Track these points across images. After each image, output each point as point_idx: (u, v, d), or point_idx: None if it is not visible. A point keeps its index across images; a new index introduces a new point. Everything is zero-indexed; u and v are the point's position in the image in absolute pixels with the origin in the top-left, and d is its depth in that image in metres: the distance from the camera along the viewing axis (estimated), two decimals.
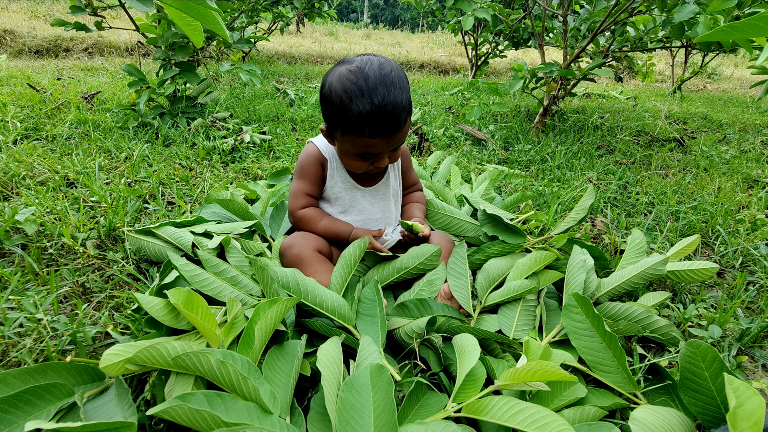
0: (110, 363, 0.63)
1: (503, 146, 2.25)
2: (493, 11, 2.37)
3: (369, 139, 0.91)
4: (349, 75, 0.89)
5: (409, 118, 0.95)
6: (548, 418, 0.60)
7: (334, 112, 0.92)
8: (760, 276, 1.17)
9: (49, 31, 4.67)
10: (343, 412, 0.59)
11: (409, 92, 0.94)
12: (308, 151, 1.06)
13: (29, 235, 1.08)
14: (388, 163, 1.00)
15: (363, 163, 0.98)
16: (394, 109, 0.88)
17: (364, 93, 0.87)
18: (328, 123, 0.98)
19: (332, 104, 0.91)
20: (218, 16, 0.67)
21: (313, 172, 1.05)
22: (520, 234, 1.09)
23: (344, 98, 0.88)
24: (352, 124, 0.89)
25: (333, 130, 0.97)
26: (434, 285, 0.95)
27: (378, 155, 0.97)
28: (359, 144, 0.92)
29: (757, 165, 2.09)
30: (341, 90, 0.89)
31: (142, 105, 2.01)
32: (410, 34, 10.19)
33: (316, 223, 1.04)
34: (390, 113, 0.88)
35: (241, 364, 0.64)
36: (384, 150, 0.95)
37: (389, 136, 0.91)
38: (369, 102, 0.87)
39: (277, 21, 4.34)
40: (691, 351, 0.66)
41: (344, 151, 0.98)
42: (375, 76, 0.88)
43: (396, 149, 0.99)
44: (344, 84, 0.89)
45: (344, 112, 0.89)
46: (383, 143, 0.92)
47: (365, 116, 0.87)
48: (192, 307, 0.70)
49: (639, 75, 4.76)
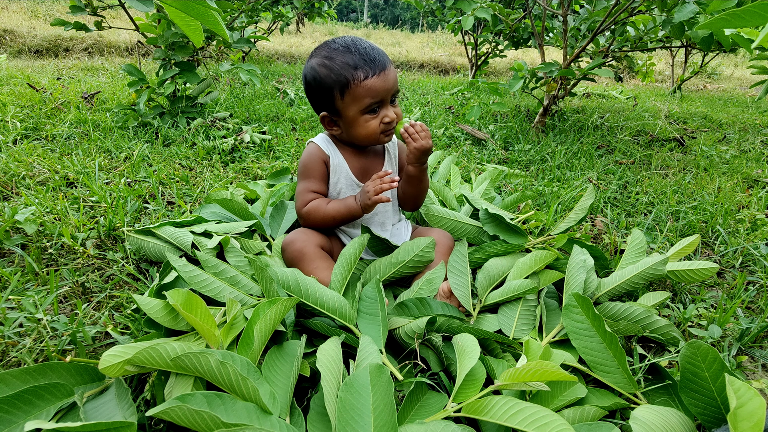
0: (109, 364, 0.63)
1: (503, 146, 2.25)
2: (493, 11, 2.37)
3: (367, 81, 0.93)
4: (321, 51, 0.97)
5: (393, 68, 0.99)
6: (548, 418, 0.60)
7: (324, 83, 0.95)
8: (760, 276, 1.17)
9: (49, 30, 4.67)
10: (343, 413, 0.59)
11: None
12: (310, 151, 1.06)
13: (29, 234, 1.08)
14: (395, 119, 1.00)
15: (373, 121, 0.98)
16: (373, 49, 0.96)
17: (342, 52, 0.94)
18: (323, 102, 1.00)
19: (318, 77, 0.96)
20: (218, 16, 0.67)
21: (317, 170, 1.05)
22: (521, 234, 1.09)
23: (327, 63, 0.94)
24: (345, 77, 0.93)
25: (332, 103, 0.98)
26: (434, 284, 0.95)
27: (381, 104, 0.98)
28: (362, 93, 0.94)
29: (757, 165, 2.09)
30: (321, 60, 0.95)
31: (141, 105, 2.01)
32: (410, 33, 10.19)
33: (324, 208, 1.02)
34: (372, 52, 0.95)
35: (241, 364, 0.64)
36: (386, 94, 0.96)
37: (382, 72, 0.95)
38: (349, 54, 0.93)
39: (277, 21, 4.34)
40: (691, 351, 0.66)
41: (352, 117, 0.98)
42: (345, 40, 0.96)
43: (395, 101, 1.01)
44: (321, 54, 0.96)
45: (334, 72, 0.93)
46: (381, 82, 0.94)
47: (353, 64, 0.93)
48: (191, 308, 0.70)
49: (639, 75, 4.76)
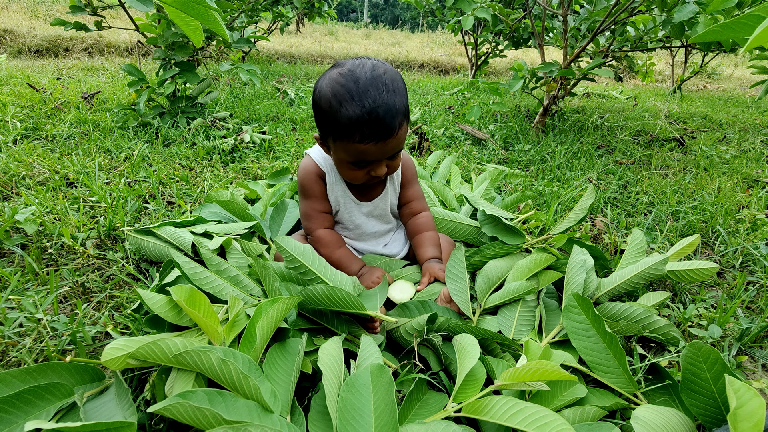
0: (112, 357, 0.63)
1: (503, 146, 2.25)
2: (493, 11, 2.37)
3: (361, 145, 0.85)
4: (339, 78, 0.84)
5: (406, 122, 0.89)
6: (548, 417, 0.60)
7: (324, 118, 0.87)
8: (760, 276, 1.17)
9: (49, 30, 4.67)
10: (344, 412, 0.59)
11: (405, 95, 0.88)
12: (305, 168, 1.01)
13: (29, 234, 1.08)
14: (387, 173, 0.94)
15: (359, 171, 0.92)
16: (386, 112, 0.82)
17: (354, 96, 0.82)
18: (320, 129, 0.93)
19: (322, 110, 0.87)
20: (218, 16, 0.67)
21: (317, 189, 1.01)
22: (519, 234, 1.09)
23: (333, 103, 0.84)
24: (342, 129, 0.84)
25: (325, 136, 0.92)
26: (434, 289, 0.95)
27: (374, 163, 0.91)
28: (352, 151, 0.87)
29: (757, 165, 2.09)
30: (330, 94, 0.84)
31: (141, 105, 2.01)
32: (410, 33, 10.19)
33: (333, 250, 0.99)
34: (382, 117, 0.82)
35: (242, 362, 0.64)
36: (379, 157, 0.89)
37: (382, 141, 0.85)
38: (359, 105, 0.81)
39: (277, 21, 4.34)
40: (692, 352, 0.66)
41: (339, 160, 0.93)
42: (366, 78, 0.83)
43: (394, 157, 0.93)
44: (334, 87, 0.84)
45: (334, 118, 0.84)
46: (377, 149, 0.86)
47: (355, 121, 0.82)
48: (194, 304, 0.70)
49: (639, 75, 4.76)
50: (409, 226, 1.10)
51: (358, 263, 0.99)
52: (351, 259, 1.00)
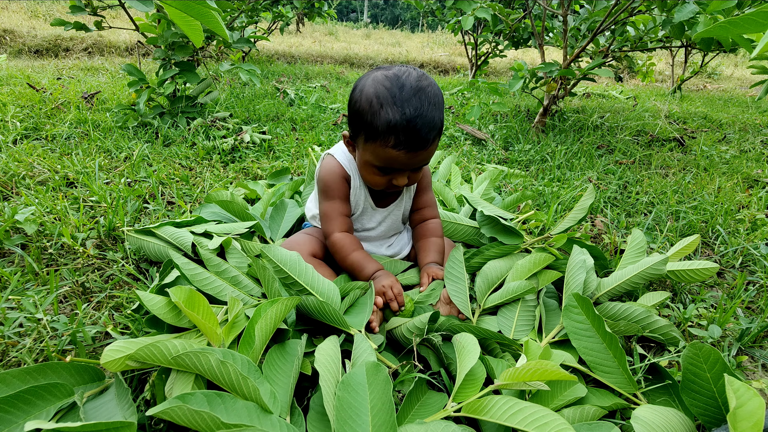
0: (111, 359, 0.63)
1: (503, 146, 2.25)
2: (493, 11, 2.37)
3: (393, 150, 0.84)
4: (385, 81, 0.84)
5: (438, 138, 0.89)
6: (548, 417, 0.60)
7: (361, 116, 0.87)
8: (760, 276, 1.17)
9: (49, 30, 4.67)
10: (341, 411, 0.59)
11: (443, 112, 0.88)
12: (331, 169, 0.99)
13: (29, 234, 1.08)
14: (406, 184, 0.94)
15: (381, 178, 0.92)
16: (424, 124, 0.83)
17: (397, 101, 0.82)
18: (352, 128, 0.92)
19: (361, 108, 0.86)
20: (218, 16, 0.67)
21: (342, 190, 0.99)
22: (517, 235, 1.09)
23: (374, 103, 0.83)
24: (378, 131, 0.84)
25: (356, 135, 0.91)
26: (435, 291, 0.96)
27: (398, 171, 0.91)
28: (381, 155, 0.86)
29: (757, 165, 2.09)
30: (373, 94, 0.84)
31: (141, 105, 2.01)
32: (410, 33, 10.19)
33: (347, 254, 0.98)
34: (419, 127, 0.83)
35: (242, 363, 0.64)
36: (406, 167, 0.89)
37: (414, 152, 0.85)
38: (400, 111, 0.82)
39: (277, 21, 4.34)
40: (693, 353, 0.66)
41: (364, 162, 0.92)
42: (411, 86, 0.83)
43: (418, 170, 0.93)
44: (377, 88, 0.84)
45: (372, 118, 0.84)
46: (406, 158, 0.86)
47: (393, 125, 0.82)
48: (193, 305, 0.70)
49: (639, 75, 4.76)
50: (418, 229, 1.10)
51: (373, 266, 0.97)
52: (365, 261, 0.97)
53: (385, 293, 0.90)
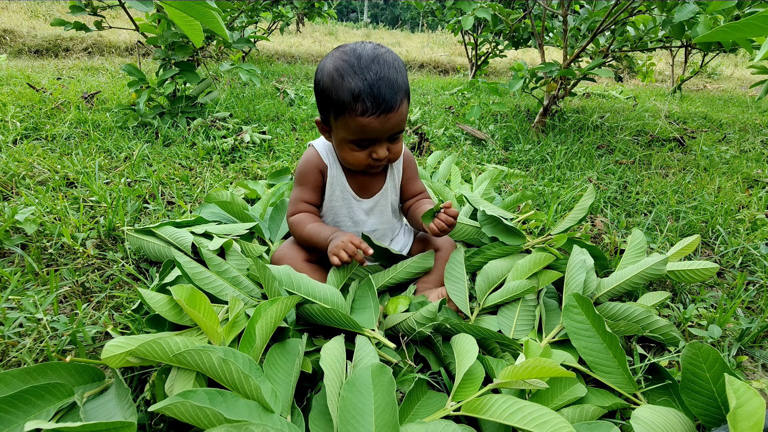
0: (112, 354, 0.63)
1: (503, 146, 2.25)
2: (493, 11, 2.37)
3: (362, 118, 0.85)
4: (342, 55, 0.87)
5: (406, 101, 0.90)
6: (548, 416, 0.60)
7: (326, 94, 0.88)
8: (760, 276, 1.17)
9: (49, 30, 4.67)
10: (345, 412, 0.59)
11: (406, 76, 0.89)
12: (308, 158, 1.01)
13: (29, 234, 1.08)
14: (388, 156, 0.93)
15: (360, 153, 0.92)
16: (388, 86, 0.84)
17: (356, 70, 0.84)
18: (321, 110, 0.93)
19: (324, 85, 0.88)
20: (218, 16, 0.67)
21: (312, 180, 1.01)
22: (519, 235, 1.09)
23: (336, 77, 0.85)
24: (344, 103, 0.85)
25: (327, 116, 0.92)
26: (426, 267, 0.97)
27: (375, 143, 0.91)
28: (353, 127, 0.87)
29: (757, 165, 2.09)
30: (333, 69, 0.86)
31: (141, 105, 2.01)
32: (410, 33, 10.18)
33: (303, 227, 0.99)
34: (383, 90, 0.84)
35: (243, 362, 0.64)
36: (380, 135, 0.89)
37: (383, 114, 0.85)
38: (361, 78, 0.83)
39: (277, 21, 4.34)
40: (693, 352, 0.66)
41: (340, 140, 0.92)
42: (368, 55, 0.85)
43: (395, 139, 0.93)
44: (336, 63, 0.86)
45: (337, 92, 0.85)
46: (378, 124, 0.86)
47: (357, 93, 0.83)
48: (194, 304, 0.70)
49: (639, 75, 4.76)
50: (413, 208, 1.09)
51: (327, 231, 0.97)
52: (321, 228, 0.97)
53: (346, 248, 0.89)
